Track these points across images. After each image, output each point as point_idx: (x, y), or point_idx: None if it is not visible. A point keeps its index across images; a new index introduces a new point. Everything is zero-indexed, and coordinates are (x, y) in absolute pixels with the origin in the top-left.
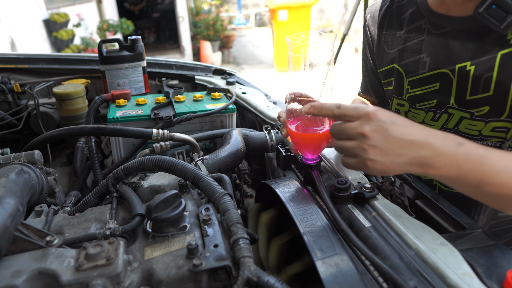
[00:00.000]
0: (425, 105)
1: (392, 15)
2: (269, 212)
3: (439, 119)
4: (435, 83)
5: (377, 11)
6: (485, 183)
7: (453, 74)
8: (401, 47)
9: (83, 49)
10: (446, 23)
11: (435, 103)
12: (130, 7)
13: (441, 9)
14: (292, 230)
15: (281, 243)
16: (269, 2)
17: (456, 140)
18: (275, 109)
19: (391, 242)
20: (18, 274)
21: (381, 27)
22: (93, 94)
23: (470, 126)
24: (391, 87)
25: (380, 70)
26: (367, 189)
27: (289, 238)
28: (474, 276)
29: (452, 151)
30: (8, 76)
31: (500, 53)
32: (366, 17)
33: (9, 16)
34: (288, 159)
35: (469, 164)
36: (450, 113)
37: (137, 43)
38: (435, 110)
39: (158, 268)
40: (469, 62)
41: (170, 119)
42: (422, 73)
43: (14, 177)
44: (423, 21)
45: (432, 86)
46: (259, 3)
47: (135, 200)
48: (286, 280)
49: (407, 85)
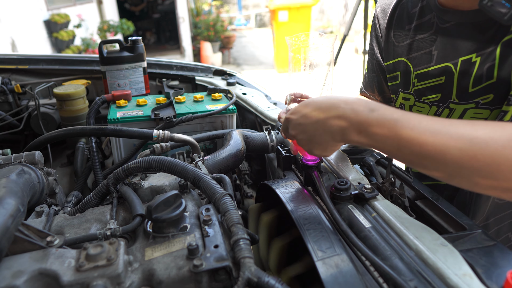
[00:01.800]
0: (429, 99)
1: (403, 9)
2: (270, 213)
3: (441, 113)
4: (441, 77)
5: (388, 5)
6: (403, 146)
7: (455, 68)
8: (410, 41)
9: (84, 50)
10: (453, 17)
11: (439, 97)
12: (130, 8)
13: (448, 3)
14: (292, 231)
15: (281, 245)
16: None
17: (368, 106)
18: (275, 110)
19: (391, 242)
20: (18, 274)
21: (391, 20)
22: (94, 95)
23: (476, 115)
24: (397, 81)
25: (387, 63)
26: (367, 190)
27: (290, 240)
28: (474, 277)
29: (364, 118)
30: (9, 76)
31: (501, 41)
32: (376, 9)
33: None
34: (288, 159)
35: (383, 129)
36: (452, 108)
37: (138, 44)
38: (438, 105)
39: (159, 269)
40: (474, 54)
41: (170, 119)
42: (429, 67)
43: (14, 177)
44: (432, 15)
45: (438, 79)
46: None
47: (136, 201)
48: (286, 281)
49: (413, 78)
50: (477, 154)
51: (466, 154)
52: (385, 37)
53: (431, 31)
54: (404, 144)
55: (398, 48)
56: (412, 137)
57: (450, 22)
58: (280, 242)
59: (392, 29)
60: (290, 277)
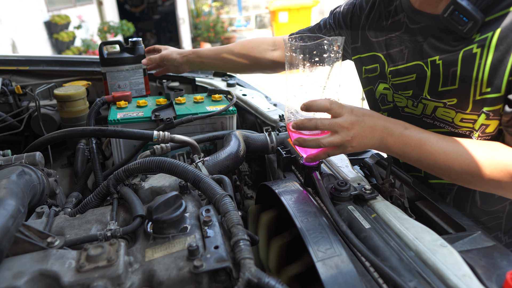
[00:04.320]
0: (404, 94)
1: (380, 6)
2: (269, 213)
3: (417, 106)
4: (412, 74)
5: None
6: (423, 158)
7: (427, 66)
8: (385, 38)
9: (84, 51)
10: (422, 19)
11: (411, 94)
12: (130, 9)
13: (418, 5)
14: (292, 231)
15: (281, 244)
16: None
17: (404, 125)
18: (275, 111)
19: (391, 243)
20: (19, 275)
21: (368, 16)
22: (94, 96)
23: (445, 113)
24: (377, 73)
25: (364, 55)
26: (367, 191)
27: (289, 239)
28: (474, 278)
29: (400, 133)
30: (9, 78)
31: (462, 50)
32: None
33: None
34: (288, 160)
35: (411, 143)
36: (425, 103)
37: (138, 45)
38: (412, 100)
39: (159, 270)
40: (438, 56)
41: (170, 121)
42: (401, 64)
43: (15, 178)
44: (403, 15)
45: (410, 77)
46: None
47: (136, 202)
48: (286, 281)
49: (388, 74)
50: (472, 173)
51: (465, 172)
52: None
53: (402, 31)
54: (424, 158)
55: (374, 43)
56: (430, 153)
57: (420, 24)
58: (279, 241)
59: (368, 23)
60: (289, 277)
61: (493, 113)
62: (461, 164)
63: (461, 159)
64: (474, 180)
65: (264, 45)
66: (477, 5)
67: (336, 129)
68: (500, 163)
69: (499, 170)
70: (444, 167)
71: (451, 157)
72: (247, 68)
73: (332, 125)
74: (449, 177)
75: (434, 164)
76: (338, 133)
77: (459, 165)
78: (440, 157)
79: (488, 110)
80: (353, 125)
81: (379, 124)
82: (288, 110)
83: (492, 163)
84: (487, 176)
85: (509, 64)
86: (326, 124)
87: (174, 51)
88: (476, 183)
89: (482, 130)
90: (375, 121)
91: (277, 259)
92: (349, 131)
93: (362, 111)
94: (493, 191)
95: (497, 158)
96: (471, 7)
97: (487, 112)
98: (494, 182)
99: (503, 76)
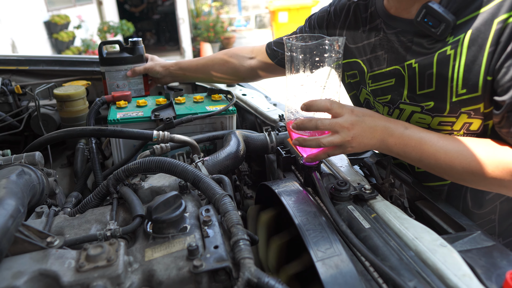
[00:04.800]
0: (382, 100)
1: (356, 13)
2: (268, 212)
3: (392, 113)
4: (391, 79)
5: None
6: (424, 158)
7: (404, 70)
8: (364, 44)
9: (84, 51)
10: (397, 24)
11: (389, 99)
12: (130, 9)
13: (393, 11)
14: (291, 230)
15: (280, 243)
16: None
17: (404, 125)
18: (275, 111)
19: (391, 243)
20: (19, 275)
21: (344, 22)
22: (94, 96)
23: (420, 120)
24: (357, 79)
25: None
26: (367, 191)
27: (289, 238)
28: (474, 277)
29: (400, 133)
30: (9, 77)
31: (437, 52)
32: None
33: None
34: (288, 160)
35: (411, 143)
36: (402, 108)
37: (138, 45)
38: (389, 105)
39: (159, 269)
40: (414, 60)
41: (170, 120)
42: (381, 69)
43: (15, 178)
44: (379, 21)
45: (389, 81)
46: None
47: (136, 201)
48: (285, 280)
49: (368, 79)
50: (474, 172)
51: (466, 171)
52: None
53: (380, 36)
54: (425, 157)
55: (353, 49)
56: (431, 152)
57: (396, 29)
58: (279, 240)
59: (344, 30)
60: (289, 275)
61: (474, 112)
62: (463, 163)
63: (462, 158)
64: (477, 179)
65: (243, 53)
66: (448, 8)
67: (337, 129)
68: (501, 161)
69: (500, 168)
70: (445, 166)
71: (452, 156)
72: (227, 79)
73: (333, 125)
74: (452, 176)
75: (435, 163)
76: (338, 133)
77: (460, 164)
78: (441, 157)
79: (467, 109)
80: (354, 125)
81: (379, 125)
82: (288, 110)
83: (493, 161)
84: (489, 174)
85: (483, 64)
86: (326, 124)
87: (158, 64)
88: (479, 182)
89: (466, 128)
90: (376, 122)
91: (277, 258)
92: (350, 131)
93: (363, 111)
94: (497, 190)
95: (497, 156)
96: (442, 10)
97: (467, 112)
98: (497, 181)
99: (478, 76)
